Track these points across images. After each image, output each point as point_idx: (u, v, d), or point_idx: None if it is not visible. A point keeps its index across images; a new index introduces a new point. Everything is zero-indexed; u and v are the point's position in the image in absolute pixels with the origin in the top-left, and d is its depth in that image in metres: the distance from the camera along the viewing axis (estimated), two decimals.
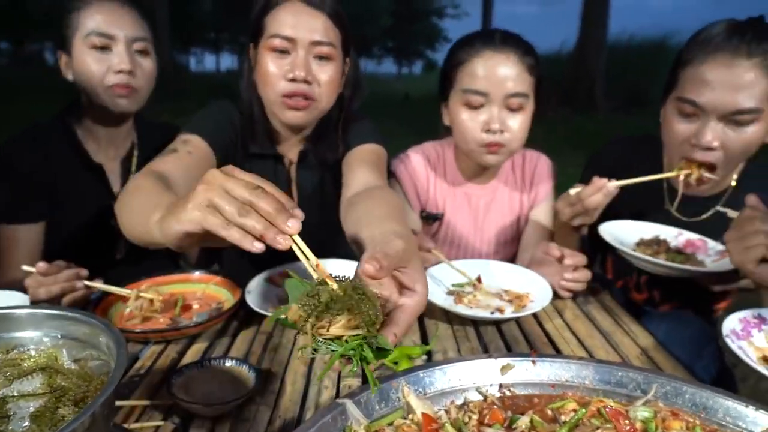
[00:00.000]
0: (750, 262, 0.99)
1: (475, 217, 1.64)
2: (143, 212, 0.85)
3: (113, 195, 1.52)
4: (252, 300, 1.17)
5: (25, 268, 1.16)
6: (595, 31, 12.87)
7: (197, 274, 1.34)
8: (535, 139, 1.55)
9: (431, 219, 1.62)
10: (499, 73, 1.36)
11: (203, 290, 1.30)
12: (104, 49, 1.38)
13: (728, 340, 0.93)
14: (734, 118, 1.15)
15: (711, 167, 1.24)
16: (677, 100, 1.22)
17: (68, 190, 1.48)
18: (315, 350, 0.63)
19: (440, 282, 1.32)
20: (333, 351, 0.63)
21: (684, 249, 1.40)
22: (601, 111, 12.29)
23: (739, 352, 0.90)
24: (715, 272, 1.23)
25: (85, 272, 1.19)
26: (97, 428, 0.54)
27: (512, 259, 1.67)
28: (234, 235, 0.64)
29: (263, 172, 1.39)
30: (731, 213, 1.12)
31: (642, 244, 1.41)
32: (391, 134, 2.20)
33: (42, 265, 1.14)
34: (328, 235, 1.36)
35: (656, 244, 1.38)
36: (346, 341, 0.63)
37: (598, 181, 1.28)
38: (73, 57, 1.40)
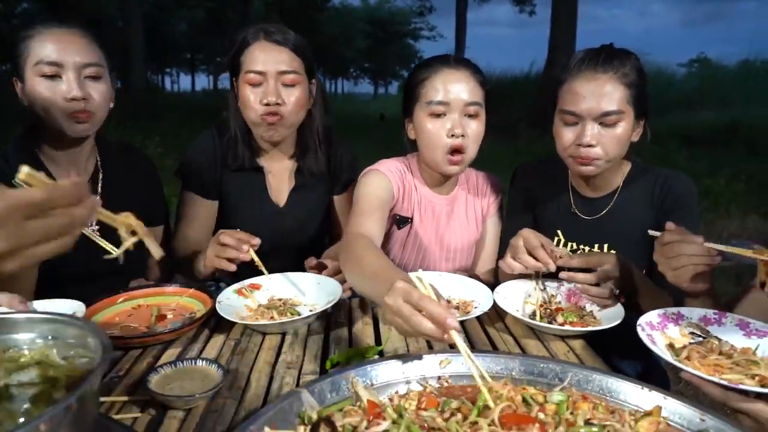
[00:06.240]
0: (684, 282, 1.16)
1: (438, 224, 1.79)
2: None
3: None
4: (222, 309, 1.28)
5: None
6: (563, 55, 13.29)
7: (172, 287, 1.44)
8: (504, 159, 1.72)
9: (402, 222, 1.75)
10: (457, 85, 1.59)
11: (177, 302, 1.41)
12: (54, 77, 1.41)
13: (639, 329, 1.08)
14: (604, 119, 1.43)
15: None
16: (560, 112, 1.50)
17: None
18: None
19: None
20: None
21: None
22: None
23: (647, 340, 1.05)
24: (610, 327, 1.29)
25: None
26: (87, 407, 0.66)
27: (470, 268, 1.83)
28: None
29: (243, 182, 1.79)
30: (652, 232, 1.25)
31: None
32: (367, 153, 2.36)
33: None
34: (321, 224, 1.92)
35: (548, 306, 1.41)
36: None
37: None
38: (26, 84, 1.43)
